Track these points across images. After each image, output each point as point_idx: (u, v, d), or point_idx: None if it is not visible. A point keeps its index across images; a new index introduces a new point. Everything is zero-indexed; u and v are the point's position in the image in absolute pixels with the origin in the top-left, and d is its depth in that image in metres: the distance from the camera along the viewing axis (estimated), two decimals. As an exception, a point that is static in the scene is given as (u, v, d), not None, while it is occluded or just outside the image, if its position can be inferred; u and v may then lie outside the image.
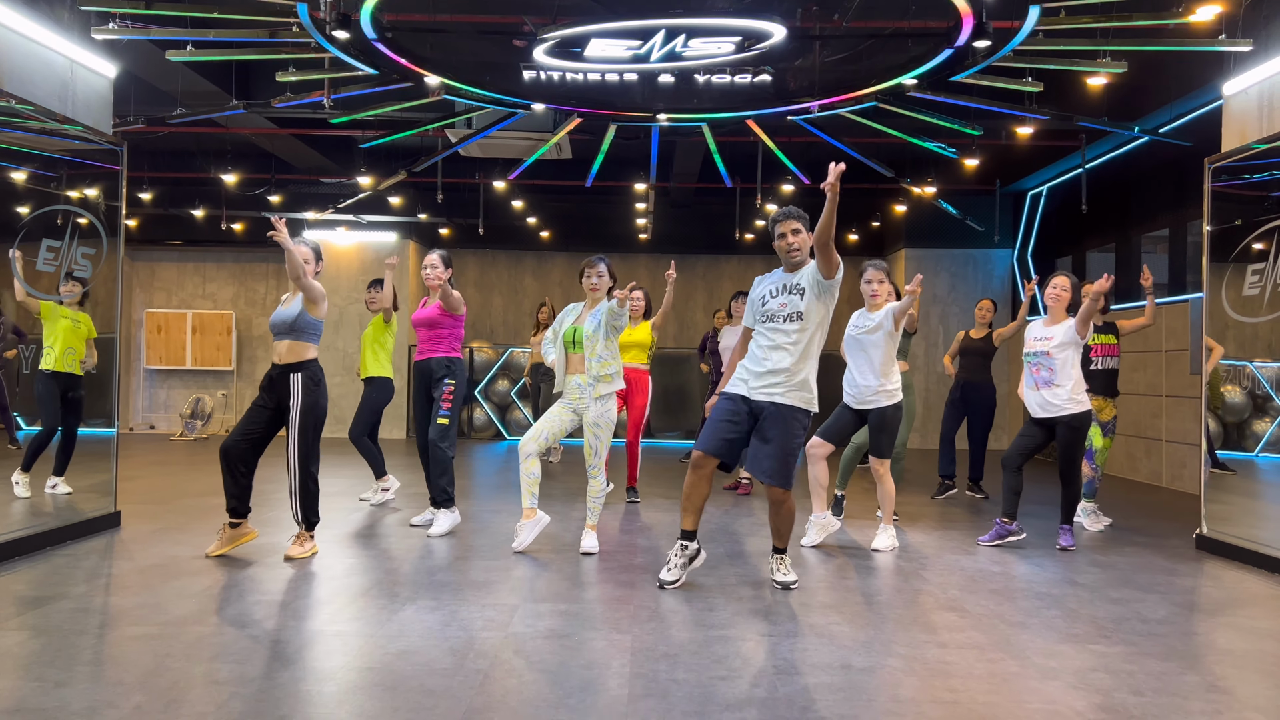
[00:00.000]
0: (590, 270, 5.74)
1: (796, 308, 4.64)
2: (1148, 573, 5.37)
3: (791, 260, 4.71)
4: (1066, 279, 6.10)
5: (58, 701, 3.08)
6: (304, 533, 5.41)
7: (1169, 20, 6.72)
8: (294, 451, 5.28)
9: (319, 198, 13.92)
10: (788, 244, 4.69)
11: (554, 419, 5.66)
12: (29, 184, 6.33)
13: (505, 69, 8.08)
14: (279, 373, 5.34)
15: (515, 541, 5.63)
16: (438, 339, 6.35)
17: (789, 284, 4.70)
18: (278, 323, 5.36)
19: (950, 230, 13.60)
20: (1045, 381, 5.95)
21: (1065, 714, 3.13)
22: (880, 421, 5.88)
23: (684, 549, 4.83)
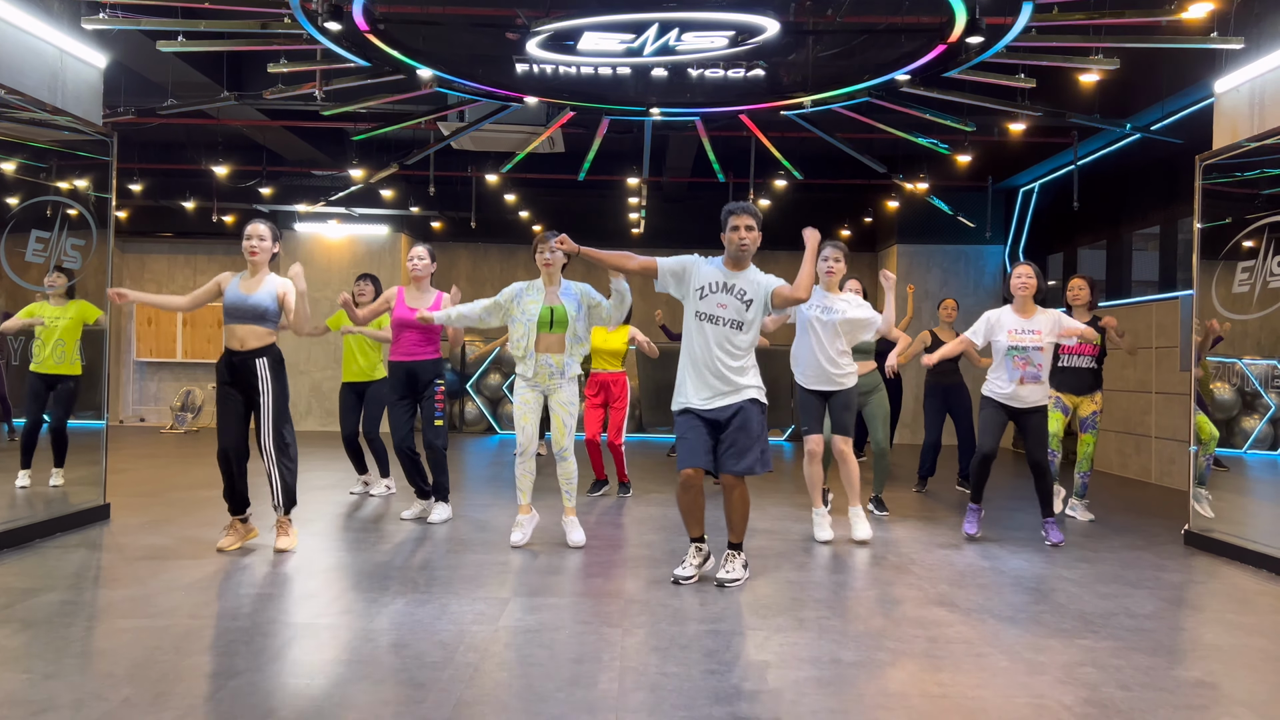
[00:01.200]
0: (543, 246, 5.63)
1: (740, 316, 4.67)
2: (1136, 568, 5.40)
3: (739, 255, 4.73)
4: (1031, 267, 6.07)
5: (46, 694, 3.08)
6: (284, 520, 5.42)
7: (1161, 17, 6.73)
8: (269, 438, 5.26)
9: (310, 190, 13.86)
10: (739, 238, 4.71)
11: (533, 409, 5.60)
12: (18, 175, 6.29)
13: (498, 62, 8.06)
14: (241, 360, 5.27)
15: (515, 535, 5.64)
16: (429, 340, 6.35)
17: (731, 285, 4.70)
18: (243, 308, 5.25)
19: (942, 226, 13.62)
20: (1032, 377, 5.93)
21: (1053, 708, 3.15)
22: (847, 400, 5.89)
23: (699, 550, 4.87)
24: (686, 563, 4.85)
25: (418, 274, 6.33)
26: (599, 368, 7.64)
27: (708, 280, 4.73)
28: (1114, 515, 7.34)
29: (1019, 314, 6.03)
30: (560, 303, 5.59)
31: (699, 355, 4.68)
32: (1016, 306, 6.08)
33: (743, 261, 4.77)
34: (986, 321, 6.11)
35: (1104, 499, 8.30)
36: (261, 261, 5.36)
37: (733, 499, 4.73)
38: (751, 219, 4.75)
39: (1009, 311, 6.09)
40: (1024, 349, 5.91)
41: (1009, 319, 6.03)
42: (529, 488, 5.66)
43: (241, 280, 5.37)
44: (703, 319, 4.70)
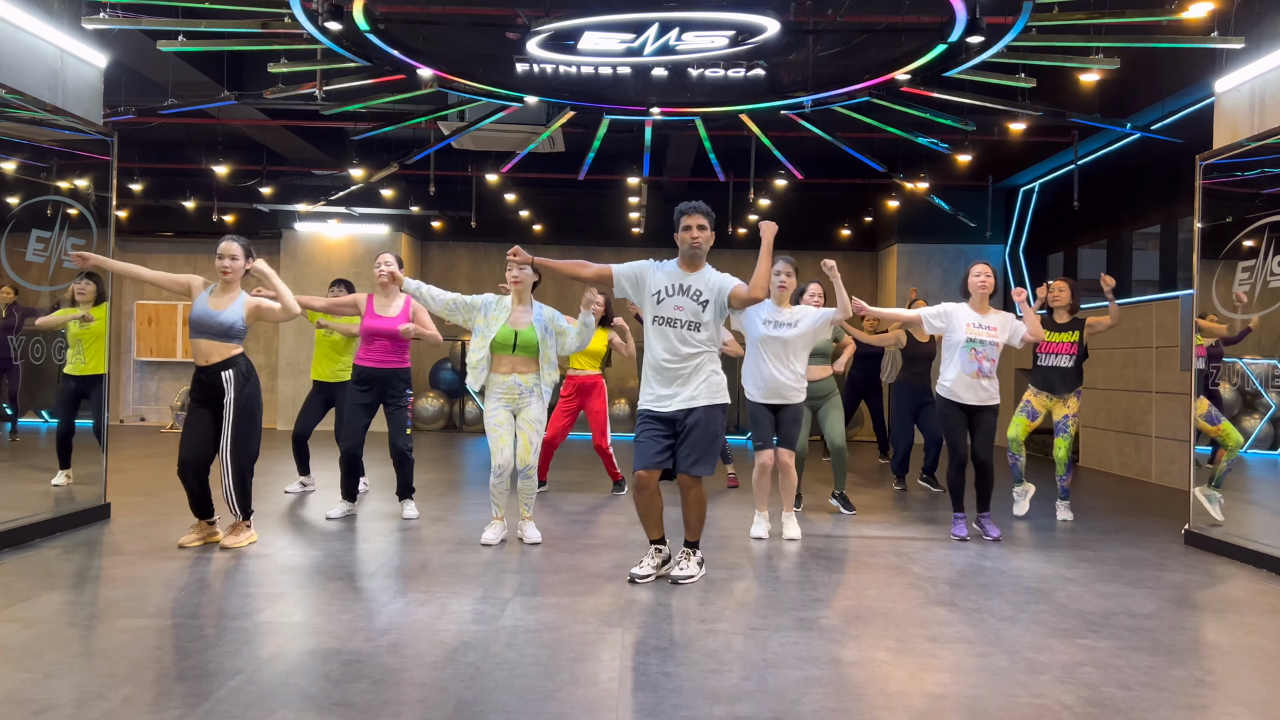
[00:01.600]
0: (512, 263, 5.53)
1: (697, 317, 4.65)
2: (1136, 568, 5.40)
3: (691, 254, 4.71)
4: (990, 266, 6.18)
5: (47, 693, 3.08)
6: (240, 522, 5.43)
7: (1161, 17, 6.74)
8: (228, 445, 5.26)
9: (311, 189, 13.86)
10: (691, 237, 4.69)
11: (507, 429, 5.60)
12: (18, 174, 6.29)
13: (498, 61, 8.06)
14: (208, 374, 5.29)
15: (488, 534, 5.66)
16: (400, 348, 6.35)
17: (686, 286, 4.68)
18: (209, 325, 5.26)
19: (942, 226, 13.62)
20: (987, 371, 5.99)
21: (1053, 708, 3.15)
22: (796, 414, 5.93)
23: (658, 552, 4.88)
24: (644, 562, 4.85)
25: (383, 280, 6.26)
26: (576, 368, 7.57)
27: (663, 284, 4.71)
28: (1114, 515, 7.34)
29: (976, 310, 6.11)
30: (526, 326, 5.58)
31: (658, 358, 4.67)
32: (974, 303, 6.14)
33: (696, 262, 4.75)
34: (944, 312, 6.15)
35: (1104, 498, 8.31)
36: (234, 280, 5.37)
37: (688, 499, 4.74)
38: (704, 218, 4.73)
39: (966, 307, 6.15)
40: (982, 343, 5.98)
41: (966, 314, 6.10)
42: (505, 503, 5.71)
43: (211, 295, 5.37)
44: (661, 323, 4.68)
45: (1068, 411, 6.87)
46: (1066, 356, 6.86)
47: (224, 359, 5.29)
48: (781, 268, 5.96)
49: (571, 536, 5.92)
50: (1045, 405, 6.93)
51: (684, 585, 4.71)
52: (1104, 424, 10.54)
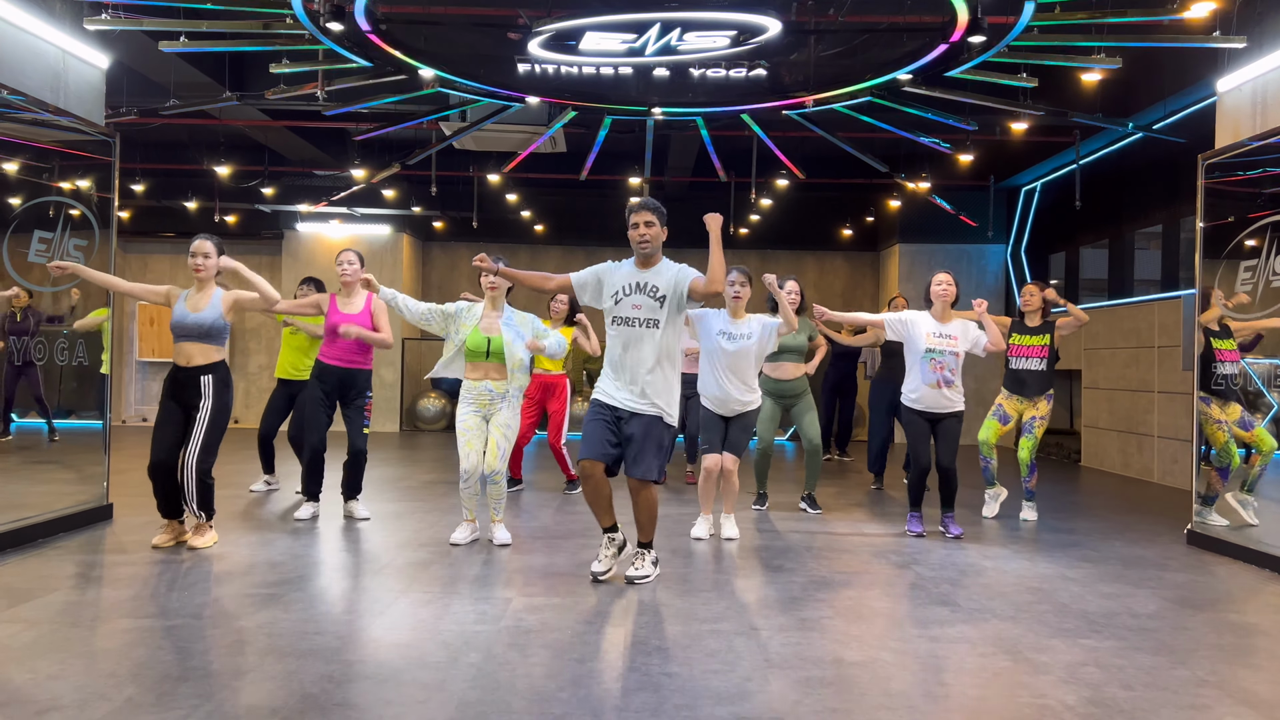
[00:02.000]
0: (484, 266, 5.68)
1: (656, 314, 4.62)
2: (1139, 567, 5.40)
3: (642, 252, 4.69)
4: (950, 275, 6.24)
5: (50, 694, 3.08)
6: (203, 523, 5.44)
7: (1163, 16, 6.73)
8: (195, 448, 5.25)
9: (312, 190, 13.87)
10: (640, 234, 4.67)
11: (477, 434, 5.59)
12: (20, 175, 6.30)
13: (500, 62, 8.06)
14: (187, 376, 5.30)
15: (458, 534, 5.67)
16: (365, 348, 6.33)
17: (643, 284, 4.66)
18: (190, 326, 5.28)
19: (944, 226, 13.61)
20: (947, 380, 6.01)
21: (1055, 708, 3.15)
22: (747, 423, 5.94)
23: (611, 541, 4.86)
24: (601, 556, 4.84)
25: (348, 279, 6.26)
26: (540, 368, 7.57)
27: (620, 284, 4.69)
28: (1116, 515, 7.33)
29: (937, 319, 6.13)
30: (499, 333, 5.57)
31: (618, 360, 4.66)
32: (935, 312, 6.17)
33: (650, 259, 4.72)
34: (906, 320, 6.18)
35: (1106, 498, 8.30)
36: (207, 278, 5.37)
37: (638, 501, 4.72)
38: (652, 215, 4.70)
39: (927, 316, 6.18)
40: (940, 352, 6.01)
41: (927, 323, 6.13)
42: (475, 506, 5.71)
43: (188, 297, 5.38)
44: (620, 323, 4.66)
45: (1036, 414, 6.86)
46: (1038, 360, 6.85)
47: (206, 363, 5.31)
48: (735, 278, 5.96)
49: (572, 536, 5.92)
50: (1017, 408, 6.92)
51: (639, 584, 4.71)
52: (1106, 424, 10.53)
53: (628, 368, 4.63)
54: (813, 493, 7.11)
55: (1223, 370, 6.52)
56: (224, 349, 5.41)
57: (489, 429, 5.61)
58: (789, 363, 6.79)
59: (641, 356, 4.61)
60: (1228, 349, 6.51)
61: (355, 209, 14.07)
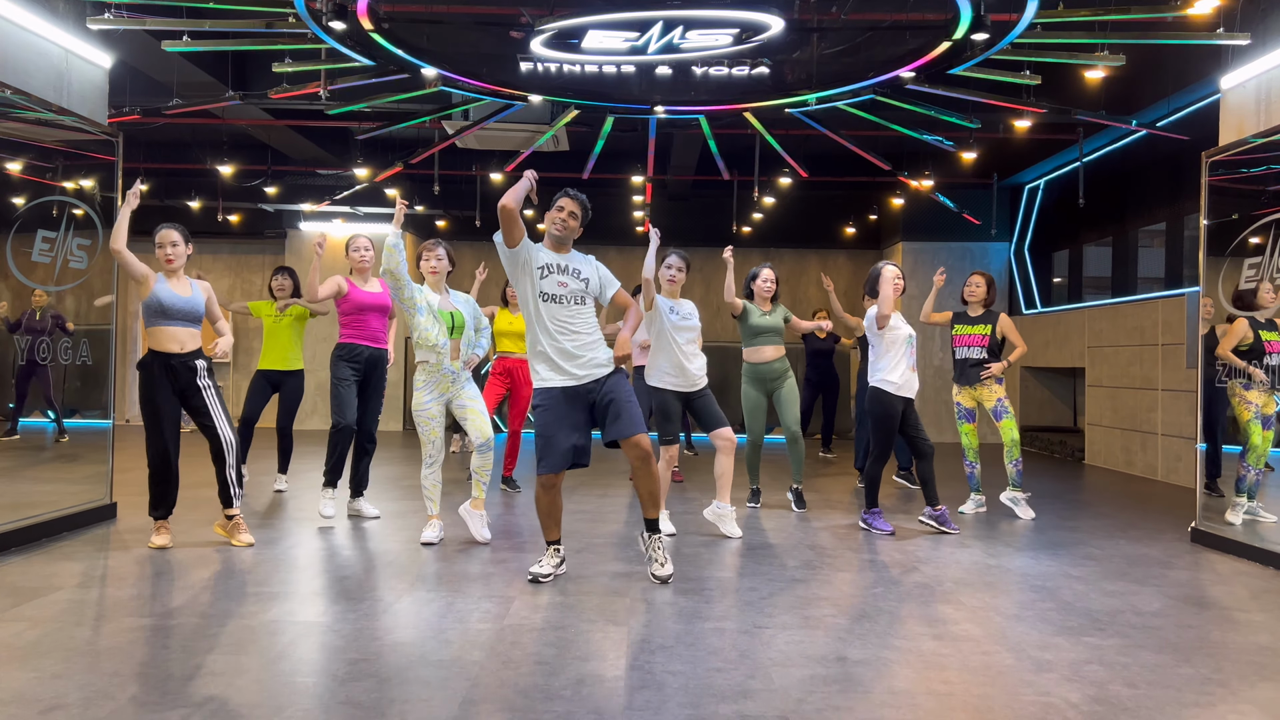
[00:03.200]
0: (429, 254, 5.73)
1: (583, 293, 4.71)
2: (1143, 566, 5.39)
3: (556, 234, 4.76)
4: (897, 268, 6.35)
5: (54, 692, 3.09)
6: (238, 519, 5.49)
7: (1167, 14, 6.72)
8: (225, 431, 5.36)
9: (315, 189, 13.88)
10: (563, 219, 4.76)
11: (439, 421, 5.61)
12: (24, 174, 6.30)
13: (502, 60, 8.07)
14: (181, 361, 5.31)
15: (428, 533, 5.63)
16: (387, 327, 6.41)
17: (565, 267, 4.71)
18: (186, 310, 5.31)
19: (947, 224, 13.60)
20: (913, 363, 6.23)
21: (1059, 706, 3.14)
22: (709, 399, 6.02)
23: (557, 552, 4.82)
24: (544, 562, 4.79)
25: (364, 265, 6.35)
26: (505, 350, 7.58)
27: (545, 262, 4.71)
28: (1120, 513, 7.32)
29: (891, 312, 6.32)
30: (455, 308, 5.66)
31: (555, 338, 4.63)
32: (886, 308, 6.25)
33: (564, 245, 4.79)
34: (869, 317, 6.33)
35: (1110, 496, 8.29)
36: (178, 267, 5.45)
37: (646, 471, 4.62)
38: (579, 208, 4.78)
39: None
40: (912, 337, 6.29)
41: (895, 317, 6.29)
42: (438, 497, 5.70)
43: (171, 284, 5.39)
44: (547, 299, 4.65)
45: (1000, 394, 6.90)
46: (978, 349, 6.94)
47: (198, 347, 5.40)
48: (674, 262, 6.10)
49: (573, 535, 5.92)
50: (973, 397, 6.98)
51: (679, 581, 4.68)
52: (1110, 421, 10.52)
53: (566, 345, 4.62)
54: (800, 486, 7.09)
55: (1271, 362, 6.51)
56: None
57: (464, 404, 5.63)
58: (768, 345, 6.79)
59: (580, 325, 4.66)
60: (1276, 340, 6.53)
61: (358, 208, 14.08)
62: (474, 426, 5.61)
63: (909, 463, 8.45)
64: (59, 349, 6.59)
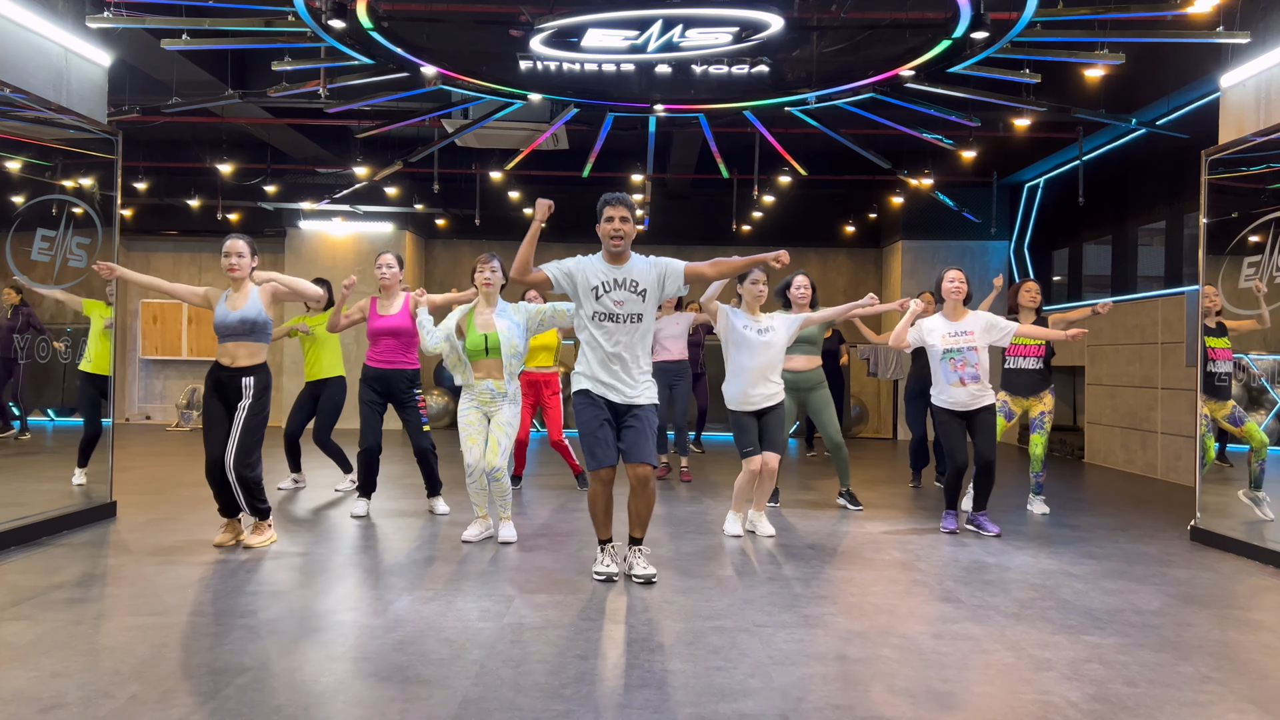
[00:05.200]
0: (484, 266, 5.64)
1: (637, 309, 4.60)
2: (1142, 564, 5.39)
3: (613, 248, 4.60)
4: (961, 272, 6.19)
5: (54, 691, 3.09)
6: (261, 522, 5.44)
7: (1167, 12, 6.72)
8: (233, 450, 5.21)
9: (315, 188, 13.88)
10: (614, 228, 4.57)
11: (478, 430, 5.61)
12: (24, 173, 6.30)
13: (502, 59, 8.06)
14: (229, 376, 5.28)
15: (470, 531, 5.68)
16: (407, 348, 6.37)
17: (622, 280, 4.59)
18: (233, 324, 5.26)
19: (947, 222, 13.60)
20: (972, 376, 5.98)
21: (1059, 704, 3.15)
22: (780, 418, 5.92)
23: (615, 551, 4.83)
24: (604, 561, 4.79)
25: (386, 282, 6.33)
26: (530, 365, 7.50)
27: (600, 280, 4.60)
28: (1120, 511, 7.33)
29: (949, 318, 6.12)
30: (495, 328, 5.58)
31: (604, 357, 4.61)
32: (947, 311, 6.16)
33: (621, 255, 4.63)
34: (920, 330, 6.17)
35: (1109, 495, 8.29)
36: (242, 278, 5.37)
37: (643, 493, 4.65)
38: (627, 211, 4.60)
39: (939, 317, 6.17)
40: (959, 350, 5.98)
41: (939, 324, 6.11)
42: (484, 501, 5.72)
43: (227, 298, 5.37)
44: (603, 319, 4.59)
45: (1044, 408, 6.88)
46: (1034, 359, 6.84)
47: (250, 364, 5.28)
48: (757, 275, 5.95)
49: (574, 534, 5.92)
50: (1021, 405, 6.94)
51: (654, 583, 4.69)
52: (1110, 420, 10.52)
53: (619, 363, 4.60)
54: (849, 488, 7.10)
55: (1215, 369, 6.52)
56: (266, 348, 5.39)
57: (490, 427, 5.62)
58: (801, 355, 6.76)
59: (631, 350, 4.61)
60: (1221, 347, 6.52)
61: (358, 206, 14.07)
62: (490, 451, 5.59)
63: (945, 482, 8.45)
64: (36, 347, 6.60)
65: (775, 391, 5.88)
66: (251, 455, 5.28)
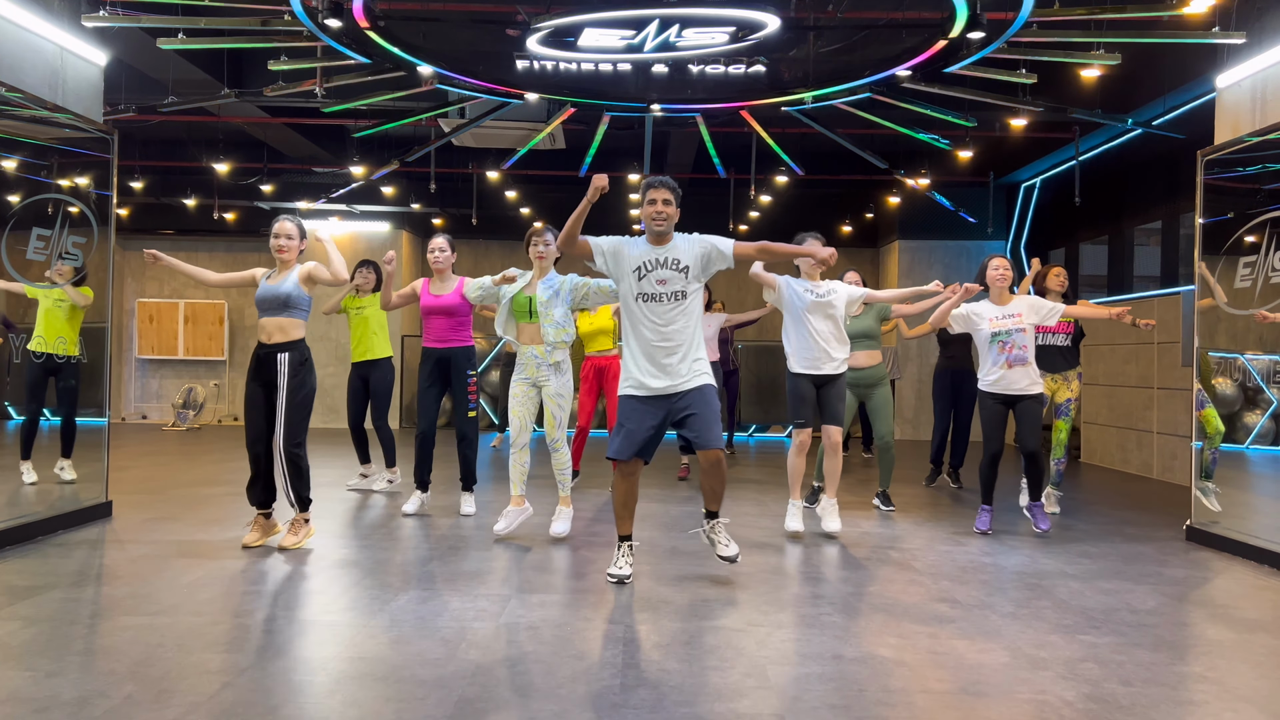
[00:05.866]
0: (538, 239, 5.74)
1: (683, 285, 4.58)
2: (1138, 564, 5.40)
3: (655, 229, 4.62)
4: (1005, 259, 6.24)
5: (49, 691, 3.08)
6: (298, 520, 5.40)
7: (1162, 12, 6.73)
8: (280, 432, 5.24)
9: (311, 187, 13.86)
10: (657, 211, 4.60)
11: (525, 401, 5.68)
12: (19, 172, 6.29)
13: (498, 58, 8.06)
14: (266, 353, 5.27)
15: (498, 525, 5.69)
16: (459, 326, 6.47)
17: (664, 259, 4.59)
18: (268, 299, 5.27)
19: (944, 222, 13.61)
20: (1019, 359, 6.02)
21: (1054, 704, 3.15)
22: (840, 389, 5.94)
23: (631, 549, 4.80)
24: (620, 563, 4.75)
25: (439, 266, 6.46)
26: (592, 351, 7.56)
27: (642, 260, 4.61)
28: (1116, 511, 7.34)
29: (995, 303, 6.16)
30: (535, 292, 5.65)
31: (646, 338, 4.59)
32: (993, 296, 6.18)
33: (664, 236, 4.65)
34: (965, 315, 6.17)
35: (1105, 494, 8.31)
36: (289, 260, 5.38)
37: (715, 472, 4.64)
38: (670, 193, 4.62)
39: (986, 303, 6.20)
40: (1007, 333, 6.03)
41: (987, 309, 6.15)
42: (520, 478, 5.70)
43: (269, 276, 5.41)
44: (646, 300, 4.59)
45: (1070, 395, 6.92)
46: (1063, 335, 6.91)
47: (285, 340, 5.27)
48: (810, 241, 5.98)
49: (572, 532, 5.91)
50: (1050, 387, 6.93)
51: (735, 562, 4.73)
52: (1106, 419, 10.53)
53: (659, 347, 4.57)
54: (886, 490, 7.09)
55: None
56: (303, 325, 5.36)
57: (544, 399, 5.67)
58: (861, 350, 6.71)
59: (677, 329, 4.57)
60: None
61: (354, 206, 14.07)
62: (546, 424, 5.69)
63: (960, 462, 8.45)
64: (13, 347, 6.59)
65: (840, 362, 5.88)
66: (298, 433, 5.27)
